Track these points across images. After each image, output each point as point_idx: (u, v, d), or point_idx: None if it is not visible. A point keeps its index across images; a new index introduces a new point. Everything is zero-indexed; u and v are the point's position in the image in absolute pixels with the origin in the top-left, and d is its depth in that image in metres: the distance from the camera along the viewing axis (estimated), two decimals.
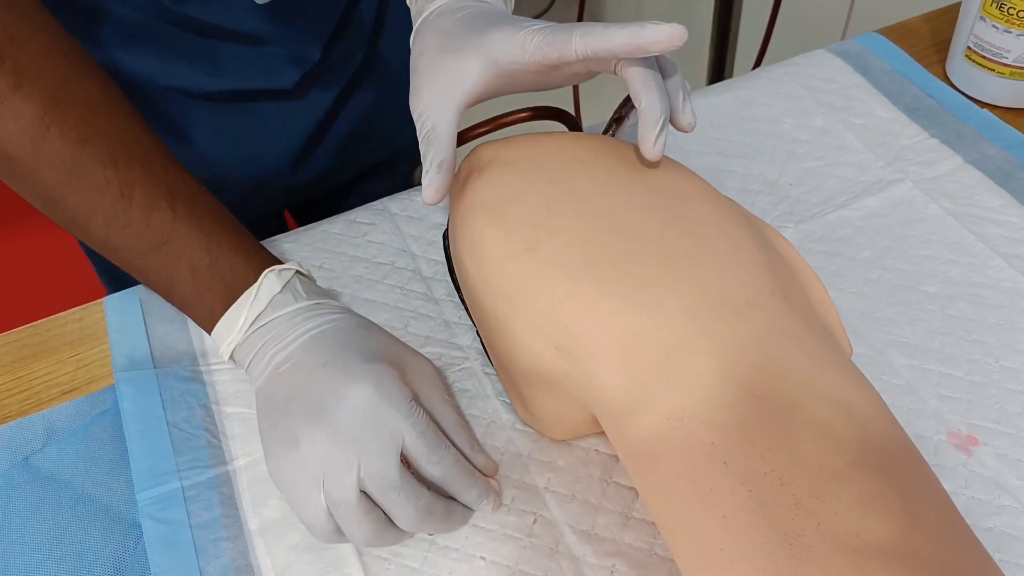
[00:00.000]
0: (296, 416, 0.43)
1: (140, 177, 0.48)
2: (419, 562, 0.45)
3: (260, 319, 0.48)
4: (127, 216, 0.48)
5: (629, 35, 0.41)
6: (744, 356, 0.38)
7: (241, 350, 0.48)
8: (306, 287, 0.50)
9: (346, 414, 0.42)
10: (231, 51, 0.63)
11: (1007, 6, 0.63)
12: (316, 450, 0.42)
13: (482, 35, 0.45)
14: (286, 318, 0.47)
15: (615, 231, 0.42)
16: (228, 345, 0.48)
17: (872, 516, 0.33)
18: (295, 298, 0.48)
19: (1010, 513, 0.45)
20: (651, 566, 0.44)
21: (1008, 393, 0.50)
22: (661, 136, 0.43)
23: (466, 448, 0.46)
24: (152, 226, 0.48)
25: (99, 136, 0.47)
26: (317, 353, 0.45)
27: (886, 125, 0.67)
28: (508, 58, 0.44)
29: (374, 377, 0.43)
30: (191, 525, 0.47)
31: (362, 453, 0.41)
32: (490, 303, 0.45)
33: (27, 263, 1.26)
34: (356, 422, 0.42)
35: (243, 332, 0.48)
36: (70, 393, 0.54)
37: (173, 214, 0.48)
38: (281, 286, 0.48)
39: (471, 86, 0.45)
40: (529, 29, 0.44)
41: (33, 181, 0.48)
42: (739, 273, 0.41)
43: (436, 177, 0.45)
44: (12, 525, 0.48)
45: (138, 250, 0.48)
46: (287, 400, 0.44)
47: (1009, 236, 0.58)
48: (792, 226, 0.60)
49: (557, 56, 0.43)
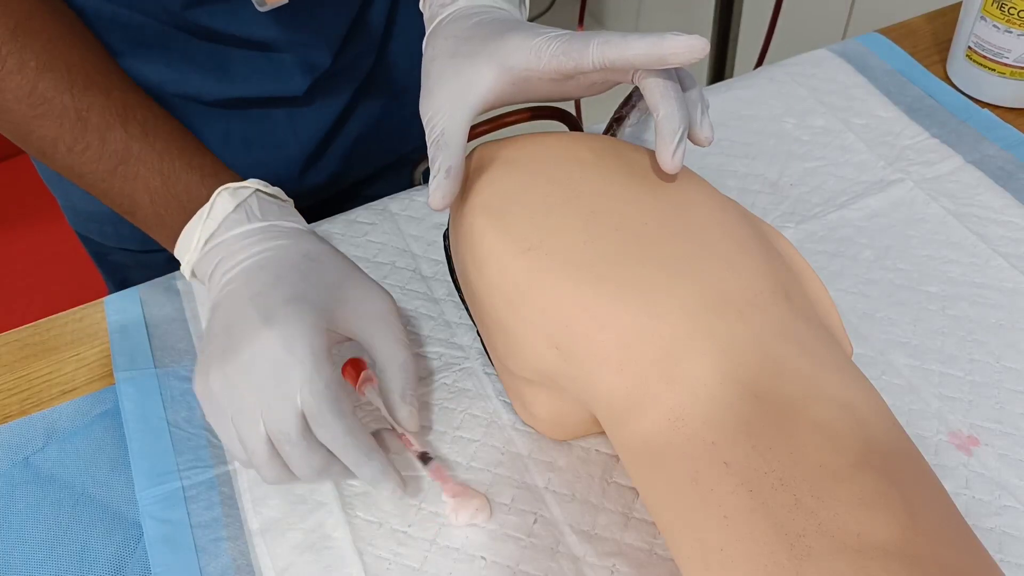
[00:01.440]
0: (218, 349, 0.44)
1: (96, 102, 0.50)
2: (419, 562, 0.45)
3: (213, 238, 0.48)
4: (84, 140, 0.49)
5: (648, 45, 0.41)
6: (745, 356, 0.38)
7: (199, 269, 0.49)
8: (263, 207, 0.49)
9: (253, 359, 0.42)
10: (241, 58, 0.63)
11: (1008, 6, 0.63)
12: (228, 389, 0.43)
13: (496, 41, 0.44)
14: (237, 238, 0.47)
15: (615, 231, 0.42)
16: (187, 264, 0.49)
17: (873, 516, 0.33)
18: (248, 218, 0.48)
19: (1011, 513, 0.45)
20: (651, 566, 0.44)
21: (1009, 393, 0.50)
22: (680, 148, 0.42)
23: (395, 393, 0.45)
24: (107, 147, 0.49)
25: (58, 65, 0.50)
26: (251, 283, 0.45)
27: (887, 125, 0.67)
28: (523, 65, 0.43)
29: (284, 323, 0.42)
30: (191, 525, 0.47)
31: (264, 401, 0.42)
32: (490, 303, 0.45)
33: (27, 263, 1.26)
34: (260, 369, 0.42)
35: (198, 251, 0.48)
36: (70, 393, 0.54)
37: (126, 134, 0.50)
38: (235, 205, 0.48)
39: (484, 92, 0.44)
40: (545, 36, 0.43)
41: (2, 115, 0.50)
42: (740, 273, 0.41)
43: (444, 183, 0.44)
44: (12, 525, 0.48)
45: (100, 173, 0.50)
46: (220, 328, 0.45)
47: (1010, 236, 0.58)
48: (793, 226, 0.60)
49: (573, 65, 0.42)
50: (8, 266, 1.26)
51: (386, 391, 0.46)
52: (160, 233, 0.51)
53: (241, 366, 0.42)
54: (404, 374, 0.46)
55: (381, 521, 0.46)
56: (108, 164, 0.50)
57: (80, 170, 0.51)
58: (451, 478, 0.47)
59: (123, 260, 0.74)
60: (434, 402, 0.51)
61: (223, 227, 0.48)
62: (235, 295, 0.45)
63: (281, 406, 0.41)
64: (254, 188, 0.49)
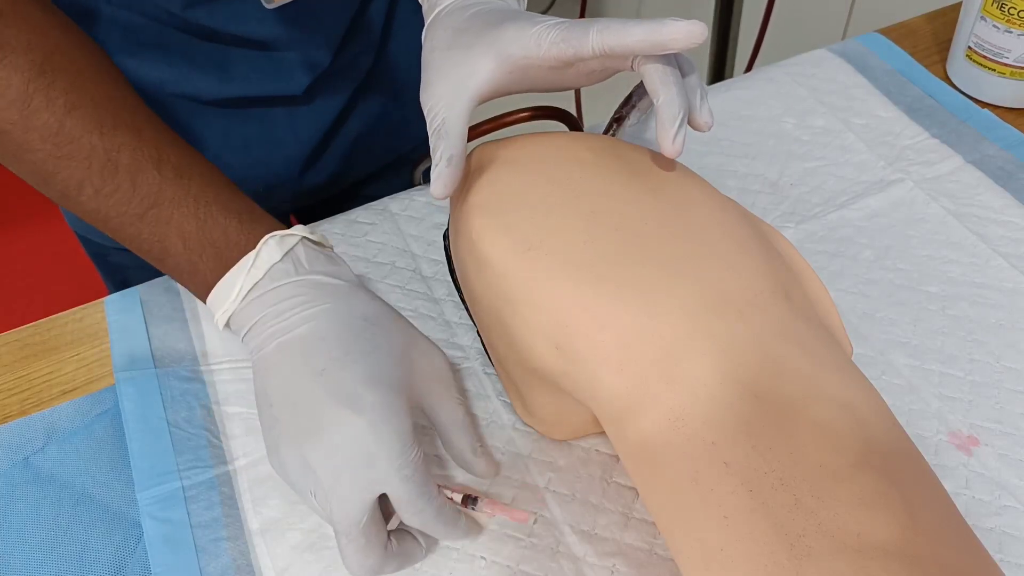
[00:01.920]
0: (287, 425, 0.42)
1: (126, 142, 0.47)
2: (419, 562, 0.44)
3: (256, 289, 0.45)
4: (114, 182, 0.46)
5: (648, 31, 0.41)
6: (745, 356, 0.38)
7: (237, 320, 0.46)
8: (311, 257, 0.47)
9: (333, 445, 0.40)
10: (241, 57, 0.63)
11: (1008, 6, 0.63)
12: (304, 470, 0.41)
13: (495, 30, 0.44)
14: (286, 291, 0.45)
15: (615, 231, 0.42)
16: (223, 313, 0.46)
17: (873, 516, 0.33)
18: (296, 269, 0.46)
19: (1011, 513, 0.45)
20: (651, 566, 0.44)
21: (1009, 393, 0.50)
22: (680, 133, 0.42)
23: (467, 452, 0.45)
24: (138, 191, 0.46)
25: (85, 104, 0.47)
26: (313, 355, 0.43)
27: (887, 125, 0.67)
28: (522, 53, 0.43)
29: (370, 411, 0.41)
30: (192, 525, 0.47)
31: (335, 490, 0.40)
32: (490, 303, 0.45)
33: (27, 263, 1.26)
34: (339, 457, 0.40)
35: (238, 301, 0.45)
36: (70, 393, 0.54)
37: (160, 176, 0.47)
38: (282, 254, 0.46)
39: (483, 82, 0.44)
40: (544, 24, 0.43)
41: (24, 155, 0.47)
42: (740, 273, 0.41)
43: (445, 171, 0.44)
44: (12, 525, 0.48)
45: (128, 217, 0.47)
46: (282, 401, 0.43)
47: (1010, 236, 0.58)
48: (793, 226, 0.60)
49: (573, 52, 0.42)
50: (8, 266, 1.26)
51: (456, 449, 0.45)
52: (192, 281, 0.48)
53: (324, 451, 0.41)
54: (470, 430, 0.46)
55: None
56: (139, 208, 0.47)
57: (107, 213, 0.47)
58: (503, 505, 0.45)
59: (123, 261, 0.74)
60: None
61: (268, 277, 0.45)
62: (296, 368, 0.43)
63: (350, 499, 0.40)
64: (300, 236, 0.47)
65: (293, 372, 0.43)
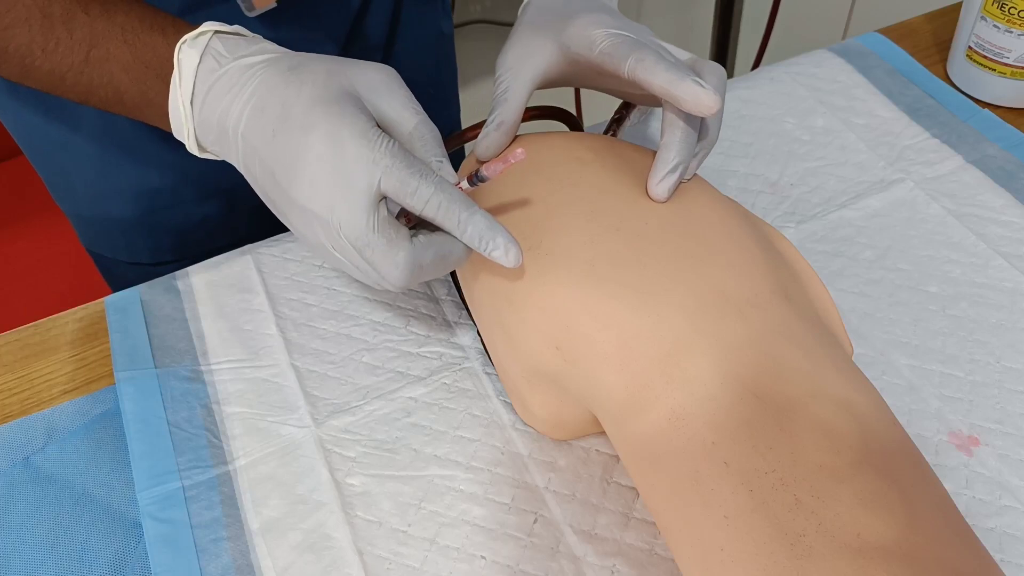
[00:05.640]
0: (277, 194, 0.43)
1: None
2: (419, 562, 0.44)
3: (196, 99, 0.45)
4: (54, 36, 0.47)
5: (668, 81, 0.42)
6: (745, 356, 0.38)
7: (203, 137, 0.46)
8: (229, 47, 0.45)
9: (308, 178, 0.40)
10: None
11: (1008, 6, 0.63)
12: (308, 220, 0.41)
13: (565, 21, 0.46)
14: (220, 87, 0.44)
15: (616, 231, 0.42)
16: (188, 138, 0.46)
17: (873, 516, 0.33)
18: (219, 63, 0.45)
19: (1011, 513, 0.45)
20: (652, 566, 0.44)
21: (1009, 393, 0.50)
22: (667, 180, 0.44)
23: (436, 149, 0.44)
24: (75, 36, 0.47)
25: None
26: (263, 124, 0.43)
27: (887, 125, 0.67)
28: (577, 51, 0.46)
29: (322, 126, 0.41)
30: (192, 525, 0.47)
31: (335, 214, 0.40)
32: (490, 303, 0.45)
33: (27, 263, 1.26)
34: (320, 184, 0.40)
35: (191, 119, 0.45)
36: (70, 393, 0.54)
37: (88, 17, 0.47)
38: (199, 55, 0.44)
39: (545, 65, 0.47)
40: (604, 31, 0.45)
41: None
42: (740, 273, 0.41)
43: (493, 135, 0.47)
44: (12, 525, 0.48)
45: (77, 66, 0.47)
46: (266, 176, 0.43)
47: (1011, 236, 0.58)
48: (793, 226, 0.60)
49: (613, 68, 0.44)
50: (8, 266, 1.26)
51: (424, 152, 0.44)
52: (154, 113, 0.47)
53: (306, 188, 0.41)
54: (427, 139, 0.44)
55: (381, 521, 0.46)
56: (80, 54, 0.47)
57: (60, 71, 0.48)
58: (502, 157, 0.42)
59: (134, 279, 0.74)
60: (434, 402, 0.51)
61: (199, 83, 0.44)
62: (258, 145, 0.43)
63: (352, 211, 0.40)
64: (212, 31, 0.46)
65: (258, 148, 0.43)
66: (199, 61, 0.44)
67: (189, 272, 0.59)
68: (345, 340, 0.54)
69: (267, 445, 0.50)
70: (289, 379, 0.53)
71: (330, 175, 0.40)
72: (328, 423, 0.50)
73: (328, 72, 0.43)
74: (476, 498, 0.47)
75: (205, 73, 0.44)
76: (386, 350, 0.54)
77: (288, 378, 0.53)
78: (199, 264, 0.60)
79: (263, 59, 0.45)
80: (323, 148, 0.40)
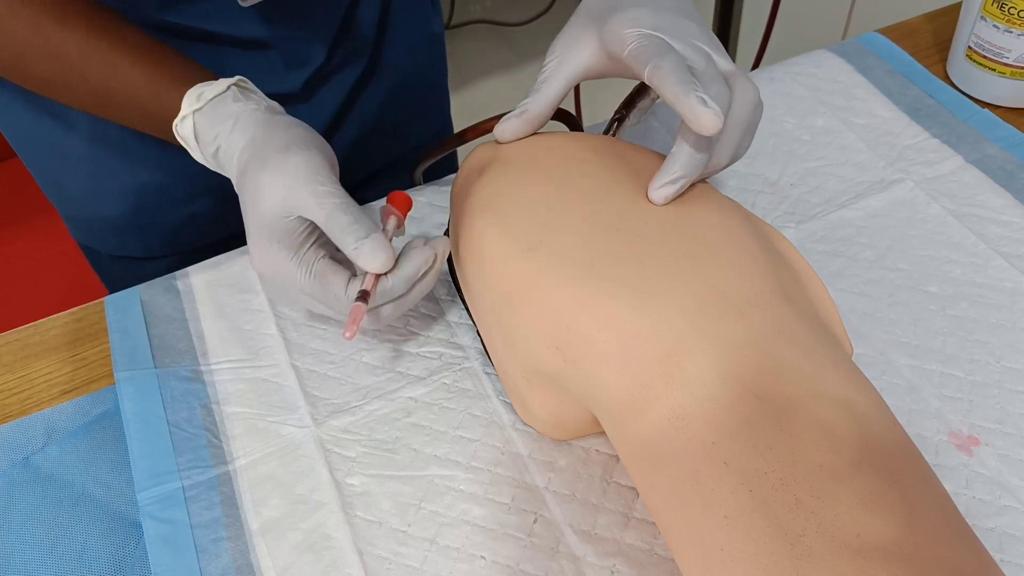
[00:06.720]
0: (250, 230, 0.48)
1: None
2: (419, 562, 0.44)
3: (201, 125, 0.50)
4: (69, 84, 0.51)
5: (674, 95, 0.42)
6: (745, 356, 0.38)
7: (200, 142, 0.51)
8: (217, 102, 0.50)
9: (254, 212, 0.46)
10: (235, 57, 0.63)
11: (1008, 6, 0.63)
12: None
13: (607, 17, 0.47)
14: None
15: (616, 231, 0.42)
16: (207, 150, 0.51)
17: (873, 516, 0.33)
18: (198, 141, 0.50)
19: (1011, 513, 0.45)
20: (652, 566, 0.44)
21: (1009, 393, 0.50)
22: (666, 189, 0.44)
23: (348, 248, 0.46)
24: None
25: None
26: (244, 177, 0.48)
27: (887, 125, 0.67)
28: (612, 48, 0.46)
29: (257, 177, 0.46)
30: (192, 525, 0.47)
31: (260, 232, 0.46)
32: (490, 303, 0.45)
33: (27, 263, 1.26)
34: (262, 204, 0.46)
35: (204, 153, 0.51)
36: (70, 393, 0.54)
37: None
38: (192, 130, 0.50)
39: (586, 59, 0.48)
40: (635, 31, 0.45)
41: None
42: (740, 273, 0.41)
43: (515, 120, 0.49)
44: (12, 525, 0.48)
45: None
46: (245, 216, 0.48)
47: (1011, 236, 0.58)
48: (793, 226, 0.60)
49: (636, 71, 0.45)
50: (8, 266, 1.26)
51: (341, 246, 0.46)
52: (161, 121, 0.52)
53: (250, 217, 0.47)
54: (344, 225, 0.46)
55: (381, 521, 0.46)
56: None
57: None
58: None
59: (125, 274, 0.74)
60: (434, 402, 0.51)
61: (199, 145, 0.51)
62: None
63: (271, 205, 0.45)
64: (212, 95, 0.51)
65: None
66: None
67: (189, 272, 0.59)
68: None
69: (267, 445, 0.50)
70: (289, 379, 0.53)
71: (265, 200, 0.46)
72: (328, 423, 0.50)
73: (278, 144, 0.47)
74: (476, 498, 0.47)
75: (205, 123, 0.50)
76: (386, 350, 0.54)
77: (288, 378, 0.53)
78: (199, 264, 0.60)
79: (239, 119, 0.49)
80: (283, 180, 0.46)
